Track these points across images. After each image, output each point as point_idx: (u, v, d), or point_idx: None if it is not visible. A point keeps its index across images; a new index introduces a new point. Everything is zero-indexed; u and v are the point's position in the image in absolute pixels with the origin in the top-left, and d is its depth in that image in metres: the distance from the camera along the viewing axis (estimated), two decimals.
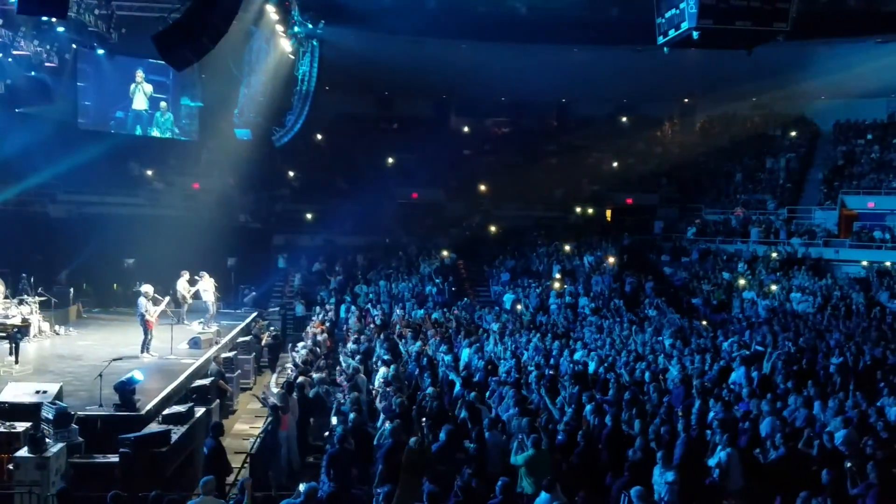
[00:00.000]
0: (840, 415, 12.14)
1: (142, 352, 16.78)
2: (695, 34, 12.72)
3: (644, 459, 9.94)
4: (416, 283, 28.48)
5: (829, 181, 35.27)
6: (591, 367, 16.46)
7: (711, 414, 12.23)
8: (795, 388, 14.21)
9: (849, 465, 9.51)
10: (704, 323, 23.64)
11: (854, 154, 36.39)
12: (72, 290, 22.61)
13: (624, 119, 43.04)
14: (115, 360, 13.97)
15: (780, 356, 17.16)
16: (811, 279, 28.17)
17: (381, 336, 19.63)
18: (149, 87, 27.56)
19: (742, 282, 28.14)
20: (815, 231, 32.51)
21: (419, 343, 18.68)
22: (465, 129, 42.82)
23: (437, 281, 28.39)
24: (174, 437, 11.73)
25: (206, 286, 20.84)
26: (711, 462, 10.24)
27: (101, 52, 25.03)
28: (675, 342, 19.42)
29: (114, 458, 11.16)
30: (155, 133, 28.61)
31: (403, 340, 19.30)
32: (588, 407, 12.41)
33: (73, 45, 24.75)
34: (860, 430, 11.43)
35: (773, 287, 27.25)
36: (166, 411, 12.72)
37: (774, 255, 30.69)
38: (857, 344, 19.07)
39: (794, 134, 39.26)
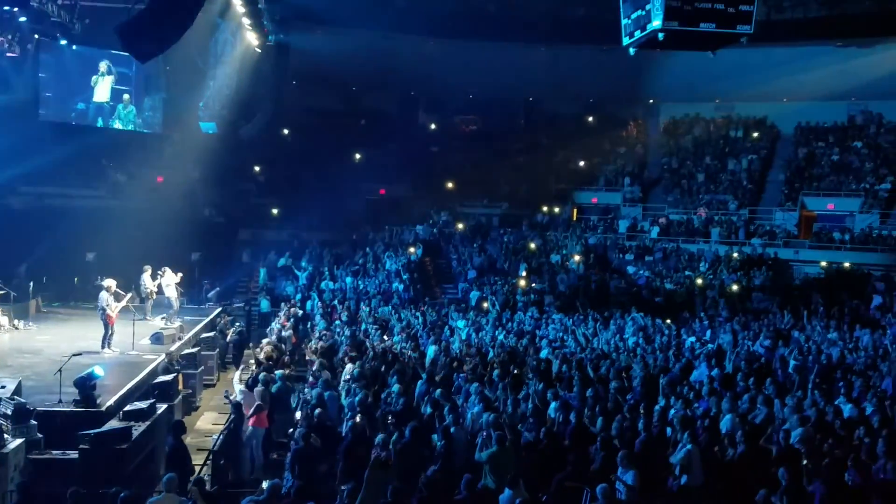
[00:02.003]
0: (798, 413, 12.36)
1: (102, 347, 16.56)
2: (660, 35, 12.83)
3: (605, 456, 10.06)
4: (383, 280, 28.43)
5: (789, 182, 35.91)
6: (555, 364, 16.58)
7: (672, 411, 12.37)
8: (755, 387, 14.43)
9: (805, 462, 9.67)
10: (668, 321, 23.89)
11: (814, 156, 37.07)
12: (31, 283, 22.18)
13: (590, 118, 43.42)
14: (75, 355, 13.73)
15: (741, 356, 17.45)
16: (771, 279, 28.58)
17: (347, 332, 19.59)
18: (111, 79, 27.15)
19: (699, 281, 28.49)
20: (776, 232, 33.04)
21: (385, 340, 18.68)
22: (433, 125, 42.88)
23: (404, 277, 28.36)
24: (135, 434, 11.59)
25: (169, 281, 20.63)
26: (674, 459, 10.38)
27: (63, 42, 24.60)
28: (638, 340, 19.63)
29: (73, 455, 11.01)
30: (117, 125, 28.19)
31: (369, 337, 19.29)
32: (553, 404, 12.49)
33: (35, 36, 24.31)
34: (817, 428, 11.65)
35: (734, 287, 27.63)
36: (127, 407, 12.56)
37: (735, 255, 31.13)
38: (816, 343, 19.41)
39: (755, 135, 39.88)
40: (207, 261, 28.13)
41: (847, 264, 29.51)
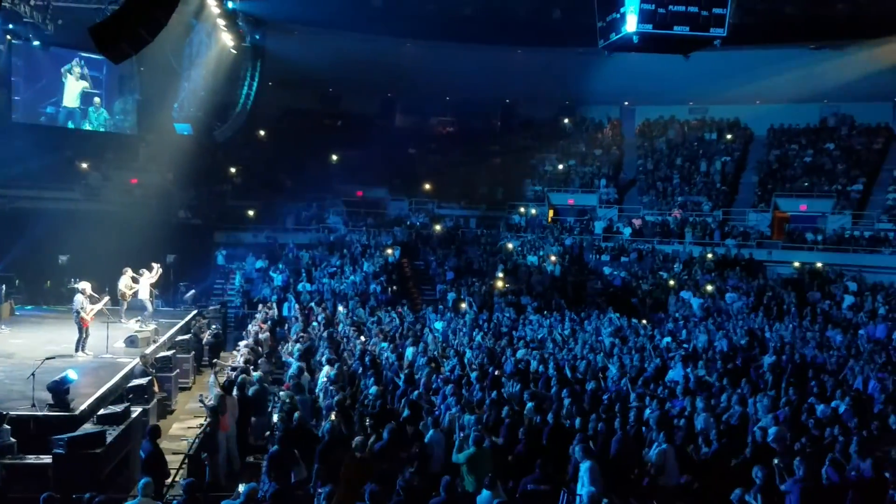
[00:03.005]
0: (772, 412, 12.50)
1: (76, 350, 16.37)
2: (635, 38, 12.98)
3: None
4: (360, 282, 28.35)
5: (762, 184, 36.28)
6: (533, 365, 16.65)
7: (648, 411, 12.47)
8: (730, 386, 14.59)
9: (776, 461, 9.76)
10: (644, 322, 24.06)
11: (787, 158, 37.46)
12: (3, 286, 21.88)
13: (566, 120, 43.69)
14: (48, 358, 13.58)
15: (714, 358, 17.64)
16: (745, 280, 28.87)
17: (325, 334, 19.53)
18: (83, 84, 26.89)
19: (672, 282, 28.72)
20: (749, 233, 33.36)
21: (363, 339, 18.66)
22: (410, 127, 42.87)
23: (382, 279, 28.31)
24: (109, 438, 11.47)
25: (144, 283, 20.44)
26: (648, 458, 10.45)
27: (36, 43, 24.35)
28: (614, 340, 19.76)
29: (47, 460, 10.87)
30: (87, 128, 27.94)
31: (347, 339, 19.24)
32: (529, 405, 12.54)
33: (8, 37, 24.04)
34: (791, 427, 11.79)
35: (709, 287, 27.88)
36: (101, 411, 12.43)
37: (709, 255, 31.40)
38: (791, 343, 19.64)
39: (729, 137, 40.24)
40: (183, 263, 27.87)
41: (819, 265, 29.86)
